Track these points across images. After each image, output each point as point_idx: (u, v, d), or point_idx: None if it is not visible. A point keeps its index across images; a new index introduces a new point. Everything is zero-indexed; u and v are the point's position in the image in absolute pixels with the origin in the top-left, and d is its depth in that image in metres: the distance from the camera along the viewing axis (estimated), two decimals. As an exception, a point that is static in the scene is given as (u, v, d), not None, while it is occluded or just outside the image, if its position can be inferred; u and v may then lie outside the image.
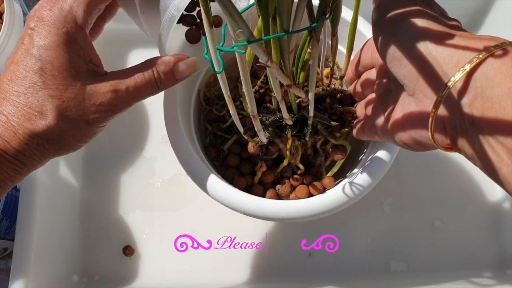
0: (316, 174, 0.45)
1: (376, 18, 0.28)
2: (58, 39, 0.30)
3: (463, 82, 0.23)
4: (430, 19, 0.26)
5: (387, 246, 0.55)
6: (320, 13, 0.27)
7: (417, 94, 0.27)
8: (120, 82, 0.32)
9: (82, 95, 0.31)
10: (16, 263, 0.45)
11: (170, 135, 0.40)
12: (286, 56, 0.29)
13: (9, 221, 0.50)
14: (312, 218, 0.39)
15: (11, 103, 0.30)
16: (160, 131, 0.60)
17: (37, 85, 0.30)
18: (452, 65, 0.24)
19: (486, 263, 0.55)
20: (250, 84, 0.30)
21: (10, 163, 0.30)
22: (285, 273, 0.54)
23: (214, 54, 0.26)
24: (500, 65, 0.22)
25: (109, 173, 0.58)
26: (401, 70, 0.27)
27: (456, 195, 0.57)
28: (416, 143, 0.29)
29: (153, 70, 0.34)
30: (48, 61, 0.30)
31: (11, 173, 0.31)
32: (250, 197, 0.39)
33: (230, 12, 0.22)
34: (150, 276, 0.54)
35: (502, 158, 0.22)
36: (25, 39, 0.31)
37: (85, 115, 0.31)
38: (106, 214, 0.56)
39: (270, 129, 0.40)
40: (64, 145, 0.32)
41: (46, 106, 0.30)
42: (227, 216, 0.55)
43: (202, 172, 0.39)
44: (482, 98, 0.23)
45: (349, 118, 0.43)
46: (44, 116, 0.30)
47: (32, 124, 0.30)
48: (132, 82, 0.33)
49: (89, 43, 0.32)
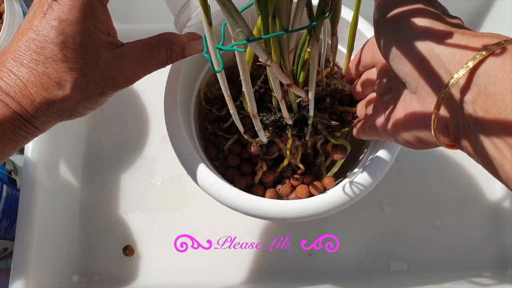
0: (316, 174, 0.45)
1: (378, 16, 0.28)
2: (81, 15, 0.30)
3: (466, 79, 0.23)
4: (432, 17, 0.26)
5: (387, 246, 0.55)
6: (320, 12, 0.27)
7: (420, 91, 0.27)
8: (137, 57, 0.33)
9: (100, 69, 0.32)
10: (16, 263, 0.45)
11: (170, 135, 0.40)
12: (286, 55, 0.29)
13: (9, 221, 0.50)
14: (312, 218, 0.38)
15: (29, 70, 0.30)
16: (160, 131, 0.60)
17: (57, 57, 0.30)
18: (455, 62, 0.24)
19: (486, 263, 0.55)
20: (250, 83, 0.30)
21: (25, 127, 0.31)
22: (285, 273, 0.54)
23: (213, 53, 0.26)
24: (503, 62, 0.22)
25: (109, 173, 0.58)
26: (403, 68, 0.27)
27: (456, 195, 0.57)
28: (419, 141, 0.29)
29: (167, 48, 0.35)
30: (70, 35, 0.30)
31: (24, 135, 0.32)
32: (250, 197, 0.39)
33: (229, 11, 0.22)
34: (150, 276, 0.54)
35: (505, 155, 0.22)
36: (45, 7, 0.31)
37: (100, 88, 0.32)
38: (106, 214, 0.56)
39: (270, 129, 0.40)
40: (76, 113, 0.33)
41: (64, 78, 0.31)
42: (227, 216, 0.55)
43: (202, 172, 0.39)
44: (485, 95, 0.23)
45: (349, 117, 0.43)
46: (62, 87, 0.31)
47: (50, 94, 0.31)
48: (147, 60, 0.34)
49: (108, 16, 0.33)
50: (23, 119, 0.31)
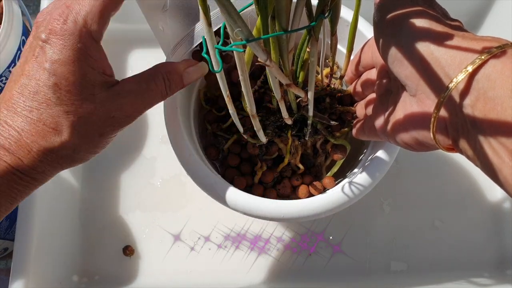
0: (316, 174, 0.45)
1: (378, 18, 0.28)
2: (73, 54, 0.29)
3: (465, 83, 0.23)
4: (432, 20, 0.26)
5: (387, 246, 0.55)
6: (319, 12, 0.27)
7: (419, 94, 0.27)
8: (134, 92, 0.32)
9: (97, 109, 0.30)
10: (16, 263, 0.45)
11: (170, 135, 0.40)
12: (285, 55, 0.29)
13: (9, 221, 0.51)
14: (312, 218, 0.38)
15: (24, 119, 0.29)
16: (160, 131, 0.60)
17: (51, 101, 0.29)
18: (455, 66, 0.24)
19: (486, 263, 0.55)
20: (249, 83, 0.30)
21: (21, 180, 0.30)
22: (285, 273, 0.54)
23: (213, 53, 0.26)
24: (503, 67, 0.22)
25: (109, 173, 0.58)
26: (403, 71, 0.27)
27: (456, 195, 0.57)
28: (418, 144, 0.29)
29: (164, 78, 0.33)
30: (63, 76, 0.29)
31: (21, 189, 0.30)
32: (250, 197, 0.39)
33: (229, 11, 0.22)
34: (150, 276, 0.54)
35: (503, 160, 0.22)
36: (36, 50, 0.29)
37: (99, 129, 0.31)
38: (106, 214, 0.56)
39: (270, 129, 0.40)
40: (77, 159, 0.32)
41: (61, 122, 0.29)
42: (227, 216, 0.55)
43: (202, 172, 0.39)
44: (484, 100, 0.23)
45: (348, 118, 0.43)
46: (59, 133, 0.29)
47: (46, 141, 0.29)
48: (145, 93, 0.32)
49: (103, 55, 0.32)
50: (19, 172, 0.29)
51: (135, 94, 0.32)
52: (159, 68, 0.34)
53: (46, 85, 0.29)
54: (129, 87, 0.32)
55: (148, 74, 0.33)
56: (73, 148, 0.30)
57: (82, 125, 0.30)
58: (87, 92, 0.30)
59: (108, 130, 0.32)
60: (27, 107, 0.29)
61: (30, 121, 0.29)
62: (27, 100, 0.29)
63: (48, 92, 0.29)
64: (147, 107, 0.33)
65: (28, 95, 0.29)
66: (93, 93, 0.30)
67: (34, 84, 0.29)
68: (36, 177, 0.30)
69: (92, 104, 0.30)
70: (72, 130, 0.30)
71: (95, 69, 0.30)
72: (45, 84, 0.29)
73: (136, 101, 0.32)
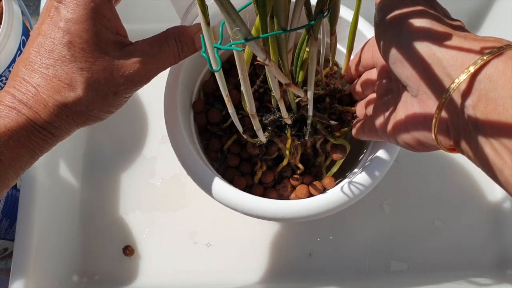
0: (316, 174, 0.45)
1: (378, 18, 0.28)
2: (86, 13, 0.30)
3: (467, 84, 0.23)
4: (434, 20, 0.26)
5: (387, 246, 0.55)
6: (318, 11, 0.27)
7: (421, 95, 0.27)
8: (147, 53, 0.33)
9: (110, 67, 0.31)
10: (16, 263, 0.45)
11: (170, 135, 0.40)
12: (284, 54, 0.29)
13: (9, 221, 0.51)
14: (312, 218, 0.38)
15: (40, 75, 0.30)
16: (160, 131, 0.60)
17: (66, 58, 0.30)
18: (456, 67, 0.24)
19: (486, 263, 0.55)
20: (249, 82, 0.30)
21: (39, 133, 0.31)
22: (285, 273, 0.54)
23: (211, 52, 0.26)
24: (504, 67, 0.22)
25: (109, 173, 0.58)
26: (404, 71, 0.27)
27: (456, 195, 0.57)
28: (419, 144, 0.28)
29: (176, 40, 0.34)
30: (77, 34, 0.30)
31: (40, 143, 0.31)
32: (250, 197, 0.39)
33: (227, 10, 0.22)
34: (150, 276, 0.54)
35: (505, 160, 0.22)
36: (51, 11, 0.31)
37: (113, 87, 0.32)
38: (106, 214, 0.56)
39: (269, 129, 0.40)
40: (91, 116, 0.33)
41: (75, 78, 0.30)
42: (227, 216, 0.55)
43: (202, 172, 0.39)
44: (485, 100, 0.23)
45: (348, 117, 0.42)
46: (74, 89, 0.31)
47: (61, 96, 0.30)
48: (157, 54, 0.33)
49: (116, 14, 0.33)
50: (37, 125, 0.31)
51: (148, 55, 0.33)
52: (171, 30, 0.35)
53: (61, 43, 0.30)
54: (142, 48, 0.33)
55: (160, 37, 0.34)
56: (87, 104, 0.31)
57: (95, 82, 0.31)
58: (101, 50, 0.31)
59: (122, 89, 0.32)
60: (44, 64, 0.30)
61: (46, 77, 0.30)
62: (43, 58, 0.30)
63: (63, 50, 0.30)
64: (161, 69, 0.34)
65: (44, 53, 0.30)
66: (107, 51, 0.31)
67: (49, 42, 0.30)
68: (53, 132, 0.32)
69: (105, 62, 0.31)
70: (86, 86, 0.31)
71: (108, 28, 0.32)
72: (60, 42, 0.30)
73: (149, 62, 0.33)
